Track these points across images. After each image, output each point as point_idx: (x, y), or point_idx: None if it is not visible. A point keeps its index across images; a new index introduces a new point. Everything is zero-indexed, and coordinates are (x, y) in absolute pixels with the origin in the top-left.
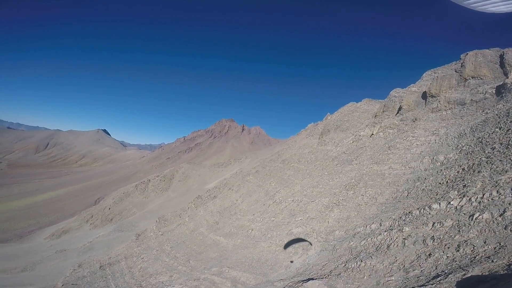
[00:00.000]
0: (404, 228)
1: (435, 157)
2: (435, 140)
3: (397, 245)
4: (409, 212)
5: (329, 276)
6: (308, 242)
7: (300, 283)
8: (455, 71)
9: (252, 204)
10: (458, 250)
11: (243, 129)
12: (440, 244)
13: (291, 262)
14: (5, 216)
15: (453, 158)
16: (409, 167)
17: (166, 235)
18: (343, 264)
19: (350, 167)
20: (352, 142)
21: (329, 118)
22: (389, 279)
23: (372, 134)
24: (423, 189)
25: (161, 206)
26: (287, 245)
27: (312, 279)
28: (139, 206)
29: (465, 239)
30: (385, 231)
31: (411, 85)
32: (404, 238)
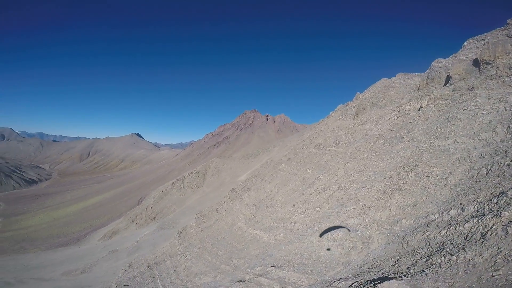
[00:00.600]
0: (502, 212)
1: (511, 126)
2: (505, 108)
3: (497, 234)
4: (502, 193)
5: (409, 274)
6: (365, 233)
7: (372, 284)
8: (507, 36)
9: (289, 194)
10: None
11: (267, 119)
12: None
13: (328, 249)
14: (63, 221)
15: None
16: (479, 139)
17: (205, 231)
18: (424, 259)
19: (401, 145)
20: (397, 118)
21: (360, 97)
22: (494, 274)
23: (421, 107)
24: (508, 164)
25: (198, 202)
26: (333, 236)
27: (387, 278)
28: (178, 203)
29: None
30: (473, 217)
31: (454, 54)
32: (505, 225)
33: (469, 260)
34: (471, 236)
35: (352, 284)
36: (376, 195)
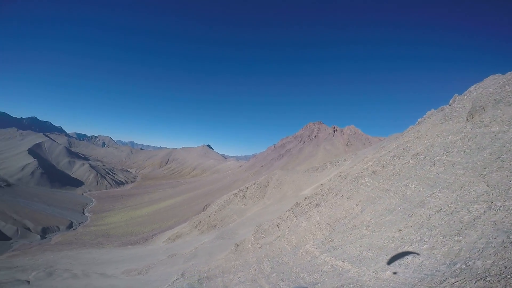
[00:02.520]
0: None
1: None
2: None
3: None
4: None
5: None
6: None
7: None
8: None
9: (383, 214)
10: None
11: (334, 131)
12: None
13: (394, 273)
14: (137, 221)
15: None
16: None
17: (264, 249)
18: None
19: None
20: None
21: (472, 95)
22: None
23: None
24: None
25: (258, 214)
26: None
27: None
28: (239, 213)
29: None
30: None
31: None
32: None
33: None
34: None
35: None
36: None
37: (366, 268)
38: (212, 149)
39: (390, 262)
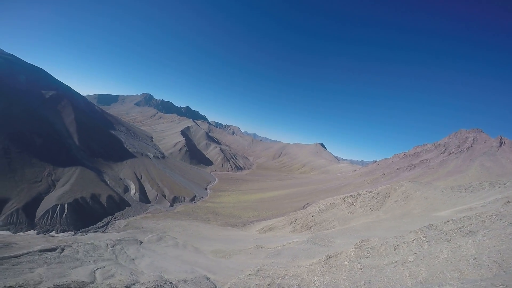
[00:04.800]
0: None
1: None
2: None
3: None
4: None
5: None
6: None
7: None
8: None
9: None
10: None
11: (501, 143)
12: None
13: None
14: (242, 205)
15: None
16: None
17: (366, 273)
18: None
19: None
20: None
21: None
22: None
23: None
24: None
25: (366, 226)
26: None
27: None
28: (342, 220)
29: None
30: None
31: None
32: None
33: None
34: None
35: None
36: None
37: None
38: (325, 148)
39: None
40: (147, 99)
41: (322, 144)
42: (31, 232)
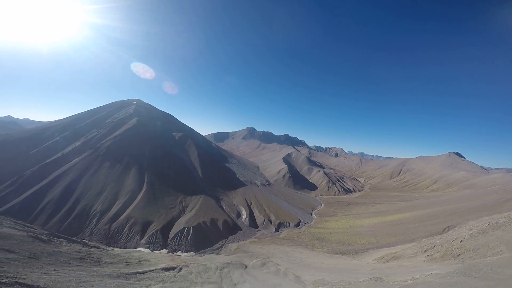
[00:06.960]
0: None
1: None
2: None
3: None
4: None
5: None
6: None
7: None
8: None
9: None
10: None
11: None
12: None
13: None
14: (355, 231)
15: None
16: None
17: None
18: None
19: None
20: None
21: None
22: None
23: None
24: None
25: None
26: None
27: None
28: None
29: None
30: None
31: None
32: None
33: None
34: None
35: None
36: None
37: None
38: (463, 157)
39: None
40: (251, 132)
41: (457, 153)
42: (163, 250)
